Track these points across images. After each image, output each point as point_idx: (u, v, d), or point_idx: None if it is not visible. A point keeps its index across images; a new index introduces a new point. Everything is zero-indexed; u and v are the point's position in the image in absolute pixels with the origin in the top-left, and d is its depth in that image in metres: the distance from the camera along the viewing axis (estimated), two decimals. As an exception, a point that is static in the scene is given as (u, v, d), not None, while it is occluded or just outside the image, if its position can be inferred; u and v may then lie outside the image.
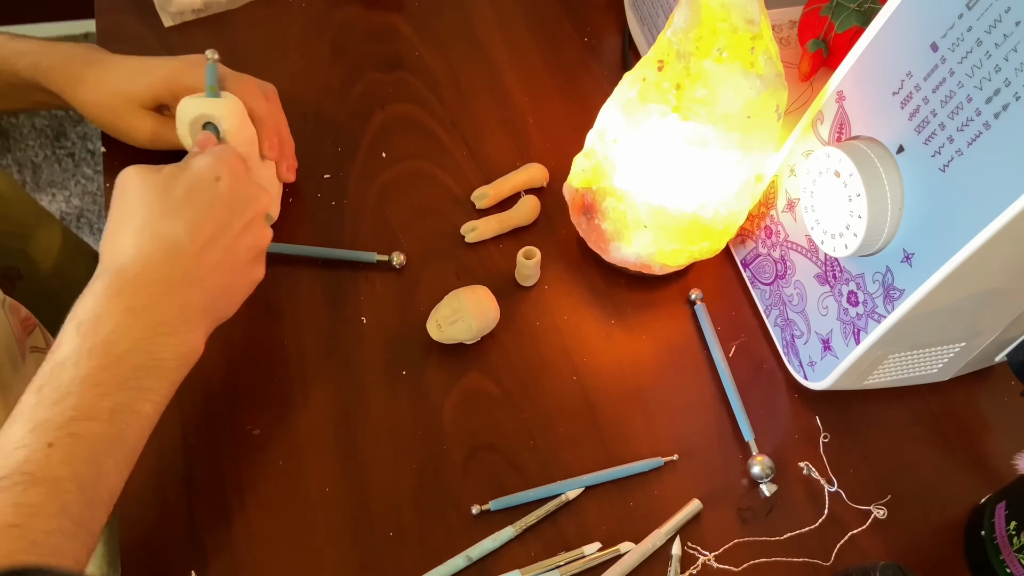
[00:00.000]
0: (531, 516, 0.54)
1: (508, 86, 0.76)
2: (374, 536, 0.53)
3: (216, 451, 0.55)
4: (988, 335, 0.58)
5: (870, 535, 0.57)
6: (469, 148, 0.72)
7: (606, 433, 0.59)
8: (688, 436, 0.59)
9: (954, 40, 0.46)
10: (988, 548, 0.55)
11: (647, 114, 0.56)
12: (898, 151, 0.50)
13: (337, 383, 0.59)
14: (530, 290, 0.65)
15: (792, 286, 0.61)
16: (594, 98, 0.63)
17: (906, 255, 0.50)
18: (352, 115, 0.72)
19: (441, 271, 0.65)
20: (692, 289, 0.65)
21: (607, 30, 0.82)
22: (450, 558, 0.53)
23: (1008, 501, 0.55)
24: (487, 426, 0.58)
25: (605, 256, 0.64)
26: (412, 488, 0.55)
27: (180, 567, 0.51)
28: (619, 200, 0.60)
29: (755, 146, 0.56)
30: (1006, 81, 0.43)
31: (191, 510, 0.53)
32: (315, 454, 0.56)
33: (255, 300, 0.61)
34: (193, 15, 0.76)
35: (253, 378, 0.58)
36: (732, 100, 0.53)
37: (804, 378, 0.61)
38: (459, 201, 0.68)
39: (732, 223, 0.62)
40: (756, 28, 0.52)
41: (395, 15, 0.80)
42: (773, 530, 0.56)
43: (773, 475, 0.57)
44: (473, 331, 0.59)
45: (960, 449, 0.61)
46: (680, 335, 0.64)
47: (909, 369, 0.59)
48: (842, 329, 0.56)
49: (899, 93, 0.50)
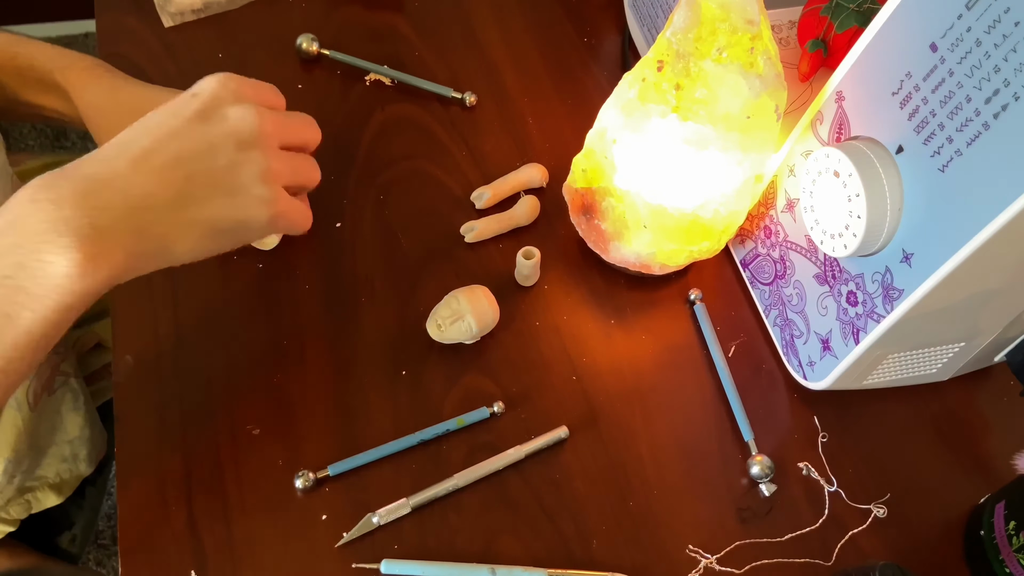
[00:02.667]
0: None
1: (508, 86, 0.76)
2: (374, 536, 0.53)
3: (216, 451, 0.55)
4: (987, 335, 0.58)
5: (870, 535, 0.57)
6: (469, 148, 0.72)
7: (605, 433, 0.59)
8: (687, 436, 0.59)
9: (953, 40, 0.46)
10: (987, 548, 0.55)
11: (647, 114, 0.56)
12: (897, 151, 0.50)
13: (337, 383, 0.59)
14: (530, 290, 0.65)
15: (791, 286, 0.61)
16: (594, 98, 0.63)
17: (905, 255, 0.50)
18: (352, 115, 0.72)
19: (441, 271, 0.65)
20: (692, 289, 0.65)
21: (607, 30, 0.82)
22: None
23: (1007, 501, 0.55)
24: (486, 426, 0.58)
25: (605, 256, 0.64)
26: (412, 488, 0.55)
27: (180, 567, 0.51)
28: (619, 200, 0.60)
29: (754, 146, 0.56)
30: (1005, 81, 0.43)
31: (191, 510, 0.53)
32: (315, 454, 0.56)
33: (255, 300, 0.61)
34: (193, 15, 0.76)
35: (253, 378, 0.58)
36: (731, 100, 0.53)
37: (803, 378, 0.61)
38: (459, 201, 0.68)
39: (732, 223, 0.62)
40: (755, 28, 0.52)
41: (395, 15, 0.80)
42: (774, 531, 0.56)
43: (772, 475, 0.57)
44: (473, 331, 0.59)
45: (960, 449, 0.62)
46: (679, 335, 0.64)
47: (908, 369, 0.59)
48: (841, 329, 0.56)
49: (898, 93, 0.50)
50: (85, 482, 0.73)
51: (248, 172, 0.45)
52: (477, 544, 0.54)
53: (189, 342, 0.59)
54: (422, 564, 0.52)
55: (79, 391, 0.70)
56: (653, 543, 0.55)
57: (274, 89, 0.50)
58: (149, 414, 0.56)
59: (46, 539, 0.77)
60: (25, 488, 0.67)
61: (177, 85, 0.71)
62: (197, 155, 0.44)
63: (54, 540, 0.78)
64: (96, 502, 0.81)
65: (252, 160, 0.45)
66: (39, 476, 0.68)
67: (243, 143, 0.45)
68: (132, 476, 0.54)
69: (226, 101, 0.45)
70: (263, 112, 0.46)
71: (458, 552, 0.53)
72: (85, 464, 0.71)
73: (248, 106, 0.46)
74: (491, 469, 0.56)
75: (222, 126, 0.45)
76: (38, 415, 0.65)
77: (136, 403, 0.56)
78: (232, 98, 0.46)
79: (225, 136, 0.45)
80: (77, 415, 0.69)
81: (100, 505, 0.83)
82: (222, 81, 0.46)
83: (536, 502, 0.56)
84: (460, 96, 0.73)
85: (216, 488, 0.54)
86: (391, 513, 0.53)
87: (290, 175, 0.48)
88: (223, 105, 0.45)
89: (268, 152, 0.46)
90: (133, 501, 0.53)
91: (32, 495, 0.68)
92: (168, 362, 0.58)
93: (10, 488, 0.64)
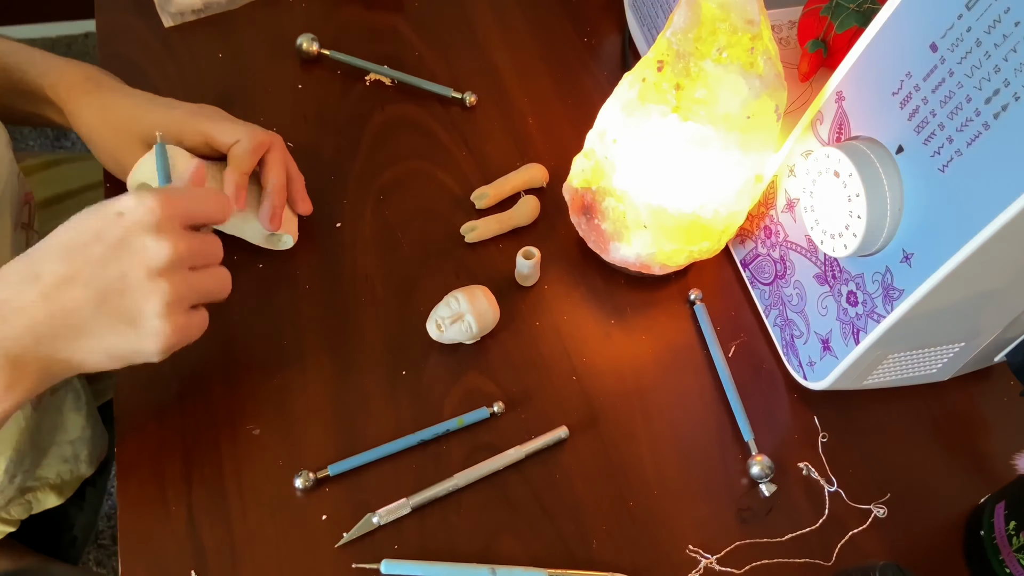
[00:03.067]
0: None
1: (508, 86, 0.76)
2: (374, 536, 0.53)
3: (216, 451, 0.55)
4: (987, 335, 0.58)
5: (870, 535, 0.57)
6: (469, 148, 0.72)
7: (605, 433, 0.59)
8: (687, 436, 0.59)
9: (953, 40, 0.46)
10: (987, 548, 0.55)
11: (647, 114, 0.56)
12: (897, 151, 0.50)
13: (337, 383, 0.59)
14: (530, 290, 0.65)
15: (792, 286, 0.61)
16: (594, 98, 0.63)
17: (905, 255, 0.50)
18: (352, 115, 0.72)
19: (441, 271, 0.65)
20: (692, 289, 0.65)
21: (607, 30, 0.82)
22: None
23: (1007, 501, 0.55)
24: (486, 426, 0.58)
25: (605, 256, 0.64)
26: (412, 488, 0.55)
27: (180, 567, 0.51)
28: (619, 200, 0.60)
29: (755, 146, 0.56)
30: (1005, 81, 0.43)
31: (191, 510, 0.53)
32: (315, 454, 0.56)
33: (255, 300, 0.61)
34: (193, 15, 0.76)
35: (253, 378, 0.58)
36: (732, 100, 0.53)
37: (803, 378, 0.61)
38: (459, 201, 0.68)
39: (732, 223, 0.62)
40: (756, 28, 0.52)
41: (395, 15, 0.80)
42: (774, 531, 0.56)
43: (772, 475, 0.57)
44: (473, 331, 0.59)
45: (959, 449, 0.62)
46: (680, 335, 0.64)
47: (908, 369, 0.59)
48: (841, 329, 0.56)
49: (898, 93, 0.50)
50: (85, 483, 0.73)
51: (152, 305, 0.47)
52: (477, 544, 0.54)
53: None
54: (422, 564, 0.52)
55: (81, 391, 0.70)
56: (653, 543, 0.55)
57: (195, 197, 0.51)
58: (149, 414, 0.56)
59: (46, 539, 0.77)
60: (26, 488, 0.67)
61: (177, 85, 0.72)
62: (108, 289, 0.46)
63: (54, 540, 0.78)
64: (96, 503, 0.81)
65: (158, 292, 0.47)
66: (40, 477, 0.68)
67: (152, 273, 0.47)
68: (132, 476, 0.54)
69: (148, 229, 0.47)
70: (177, 245, 0.48)
71: (458, 552, 0.53)
72: (86, 465, 0.71)
73: (165, 241, 0.47)
74: (491, 469, 0.56)
75: (138, 257, 0.47)
76: (40, 414, 0.65)
77: (136, 403, 0.57)
78: (154, 227, 0.47)
79: (138, 267, 0.47)
80: (78, 415, 0.69)
81: (100, 505, 0.83)
82: (149, 207, 0.47)
83: (536, 502, 0.56)
84: (460, 96, 0.73)
85: (216, 488, 0.54)
86: (391, 513, 0.53)
87: (196, 298, 0.50)
88: (143, 234, 0.47)
89: (175, 282, 0.48)
90: (133, 501, 0.53)
91: (33, 495, 0.68)
92: (168, 362, 0.58)
93: (11, 488, 0.64)
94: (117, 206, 0.47)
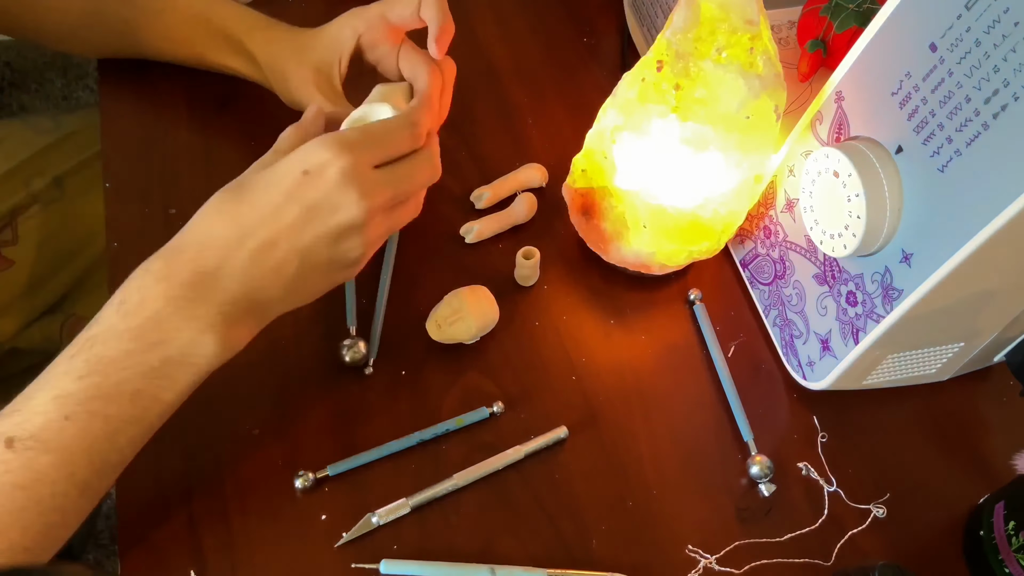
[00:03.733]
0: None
1: (508, 86, 0.76)
2: (374, 536, 0.53)
3: (216, 451, 0.55)
4: (987, 335, 0.58)
5: (869, 535, 0.57)
6: (469, 148, 0.72)
7: (605, 433, 0.59)
8: (687, 436, 0.59)
9: (953, 40, 0.46)
10: (987, 548, 0.55)
11: (646, 114, 0.56)
12: (897, 151, 0.50)
13: (337, 383, 0.59)
14: (529, 290, 0.65)
15: (791, 286, 0.61)
16: (593, 98, 0.63)
17: (905, 255, 0.50)
18: (352, 115, 0.72)
19: (441, 271, 0.65)
20: (691, 289, 0.65)
21: (606, 30, 0.82)
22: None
23: (1007, 501, 0.55)
24: (485, 426, 0.58)
25: (604, 256, 0.64)
26: (411, 488, 0.55)
27: (180, 567, 0.51)
28: (618, 200, 0.60)
29: (754, 146, 0.56)
30: (1004, 81, 0.43)
31: (191, 510, 0.53)
32: (314, 454, 0.56)
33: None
34: (193, 15, 0.76)
35: (253, 378, 0.58)
36: (731, 100, 0.53)
37: (803, 378, 0.61)
38: (458, 201, 0.68)
39: (731, 223, 0.62)
40: (755, 28, 0.52)
41: (395, 15, 0.79)
42: (773, 531, 0.56)
43: (772, 475, 0.57)
44: (473, 331, 0.59)
45: (959, 449, 0.62)
46: (679, 335, 0.64)
47: (908, 369, 0.59)
48: (841, 329, 0.56)
49: (898, 93, 0.50)
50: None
51: (352, 254, 0.50)
52: (477, 544, 0.54)
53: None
54: (421, 564, 0.52)
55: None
56: (652, 543, 0.55)
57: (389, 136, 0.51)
58: (149, 414, 0.56)
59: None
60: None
61: (177, 85, 0.71)
62: (307, 251, 0.48)
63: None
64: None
65: (352, 246, 0.50)
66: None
67: (347, 232, 0.49)
68: (131, 476, 0.54)
69: (339, 188, 0.48)
70: (370, 197, 0.49)
71: (458, 552, 0.53)
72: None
73: (356, 196, 0.48)
74: (491, 469, 0.56)
75: (332, 220, 0.48)
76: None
77: (136, 403, 0.56)
78: (342, 183, 0.48)
79: (334, 228, 0.48)
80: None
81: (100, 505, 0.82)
82: (338, 166, 0.48)
83: (536, 502, 0.56)
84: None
85: (216, 488, 0.54)
86: (391, 513, 0.53)
87: (386, 233, 0.52)
88: (333, 194, 0.48)
89: (370, 231, 0.50)
90: (133, 501, 0.53)
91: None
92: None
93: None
94: (303, 164, 0.48)
